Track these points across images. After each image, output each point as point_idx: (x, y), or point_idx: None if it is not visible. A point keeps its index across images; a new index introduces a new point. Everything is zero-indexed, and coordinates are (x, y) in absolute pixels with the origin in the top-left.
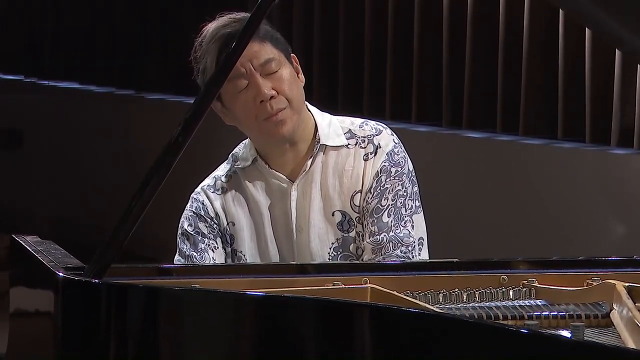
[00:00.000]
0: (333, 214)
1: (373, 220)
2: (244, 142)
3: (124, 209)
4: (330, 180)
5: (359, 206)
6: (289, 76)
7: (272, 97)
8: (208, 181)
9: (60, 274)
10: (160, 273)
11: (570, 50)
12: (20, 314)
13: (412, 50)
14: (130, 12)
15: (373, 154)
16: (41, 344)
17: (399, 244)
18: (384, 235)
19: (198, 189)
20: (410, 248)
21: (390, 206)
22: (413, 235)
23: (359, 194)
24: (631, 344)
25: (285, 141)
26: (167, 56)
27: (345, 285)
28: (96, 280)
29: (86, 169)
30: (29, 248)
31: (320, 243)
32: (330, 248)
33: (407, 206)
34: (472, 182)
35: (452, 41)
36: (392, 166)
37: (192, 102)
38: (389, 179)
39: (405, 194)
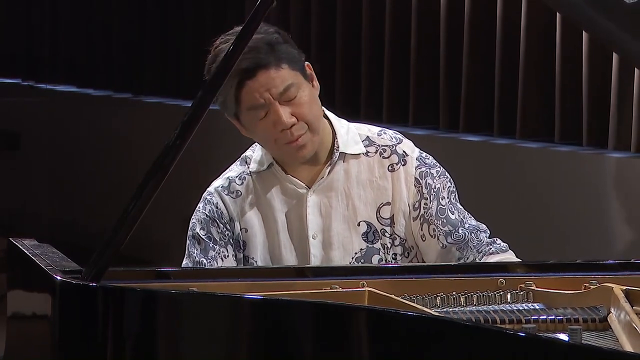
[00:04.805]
0: (359, 224)
1: (442, 222)
2: (257, 144)
3: (121, 212)
4: (355, 189)
5: (388, 218)
6: (308, 97)
7: (293, 124)
8: (221, 182)
9: (58, 278)
10: (158, 276)
11: (567, 54)
12: (18, 317)
13: (410, 54)
14: (129, 15)
15: (400, 164)
16: (39, 347)
17: (478, 231)
18: (462, 230)
19: (211, 190)
20: (488, 232)
21: (449, 204)
22: (481, 224)
23: (387, 206)
24: (629, 348)
25: (305, 161)
26: (165, 59)
27: (342, 288)
28: (94, 284)
29: (84, 172)
30: (26, 251)
31: (344, 252)
32: (352, 258)
33: (458, 201)
34: (469, 186)
35: (449, 44)
36: (429, 168)
37: (190, 105)
38: (435, 180)
39: (455, 190)
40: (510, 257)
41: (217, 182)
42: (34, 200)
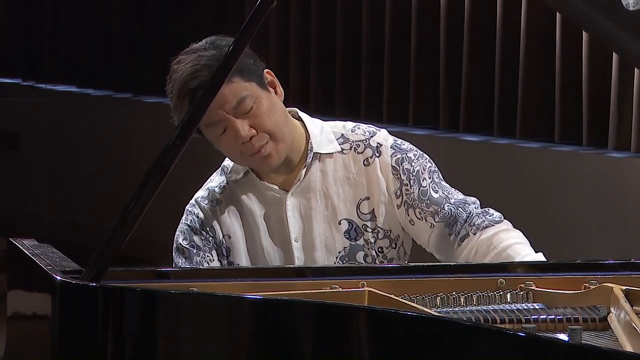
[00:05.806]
0: (340, 223)
1: (427, 203)
2: None
3: (121, 212)
4: (333, 188)
5: (368, 213)
6: (266, 107)
7: (252, 136)
8: (202, 193)
9: (58, 278)
10: (158, 276)
11: (567, 54)
12: (18, 317)
13: (410, 54)
14: (129, 15)
15: (375, 156)
16: (39, 347)
17: (466, 204)
18: (448, 206)
19: (192, 201)
20: (478, 203)
21: (431, 183)
22: (469, 197)
23: (366, 201)
24: (629, 348)
25: (279, 166)
26: (165, 59)
27: (342, 288)
28: (93, 284)
29: (84, 172)
30: (26, 251)
31: (327, 252)
32: (336, 257)
33: (442, 179)
34: (469, 186)
35: (449, 44)
36: (405, 153)
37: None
38: (413, 163)
39: (436, 169)
40: (505, 227)
41: (198, 194)
42: (34, 200)
